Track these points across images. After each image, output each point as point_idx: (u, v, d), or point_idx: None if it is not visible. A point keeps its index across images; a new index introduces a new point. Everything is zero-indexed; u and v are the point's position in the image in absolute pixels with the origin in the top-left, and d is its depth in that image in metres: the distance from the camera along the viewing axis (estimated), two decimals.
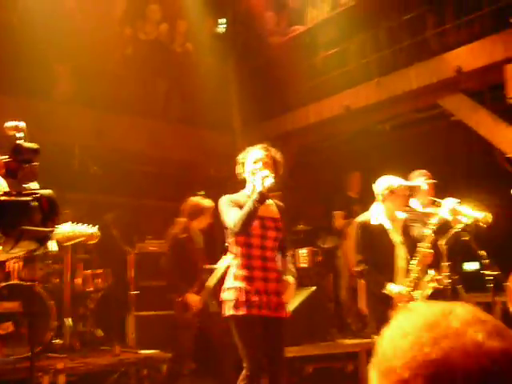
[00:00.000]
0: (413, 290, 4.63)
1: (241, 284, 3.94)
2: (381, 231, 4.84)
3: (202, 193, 9.23)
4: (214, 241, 6.86)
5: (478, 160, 7.32)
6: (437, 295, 4.77)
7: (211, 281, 5.71)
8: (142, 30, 8.63)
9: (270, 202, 4.16)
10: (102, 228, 6.73)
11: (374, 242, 4.80)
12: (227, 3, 9.55)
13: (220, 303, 4.08)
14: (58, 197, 2.43)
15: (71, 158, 7.27)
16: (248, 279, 3.96)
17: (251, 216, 3.89)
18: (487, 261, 4.37)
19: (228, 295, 3.97)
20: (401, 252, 4.83)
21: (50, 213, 2.36)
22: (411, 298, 4.61)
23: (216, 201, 7.15)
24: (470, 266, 6.73)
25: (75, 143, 7.33)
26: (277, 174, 4.05)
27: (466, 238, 4.43)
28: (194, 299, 5.59)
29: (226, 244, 5.89)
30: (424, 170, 5.68)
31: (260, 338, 3.98)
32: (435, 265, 4.71)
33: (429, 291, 4.56)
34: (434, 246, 4.51)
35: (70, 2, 7.79)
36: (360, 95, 7.02)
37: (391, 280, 4.71)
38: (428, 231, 4.63)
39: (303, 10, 8.53)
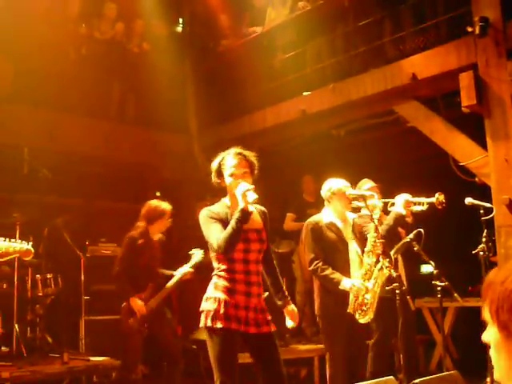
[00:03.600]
0: (367, 281, 4.67)
1: (221, 295, 3.80)
2: (332, 229, 4.91)
3: (158, 194, 9.16)
4: (173, 246, 6.79)
5: (430, 166, 7.41)
6: (386, 305, 4.80)
7: (167, 287, 5.65)
8: (97, 28, 8.48)
9: (251, 209, 3.92)
10: (52, 231, 6.66)
11: (326, 240, 4.85)
12: (184, 3, 9.47)
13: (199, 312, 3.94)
14: (6, 200, 2.34)
15: (21, 160, 7.09)
16: (229, 291, 3.81)
17: (235, 236, 3.71)
18: (436, 271, 4.41)
19: (207, 305, 3.82)
20: (353, 248, 4.89)
21: None
22: (367, 290, 4.65)
23: (173, 202, 7.09)
24: (427, 269, 6.82)
25: (25, 145, 7.15)
26: (254, 178, 3.90)
27: (416, 248, 4.46)
28: (137, 304, 5.48)
29: (190, 252, 5.84)
30: (367, 179, 5.74)
31: (235, 353, 3.86)
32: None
33: (383, 278, 4.60)
34: (385, 255, 4.53)
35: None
36: (316, 100, 7.01)
37: (346, 276, 4.75)
38: (372, 223, 4.68)
39: (265, 10, 8.47)
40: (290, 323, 4.06)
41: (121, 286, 5.60)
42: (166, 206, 5.75)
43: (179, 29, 9.59)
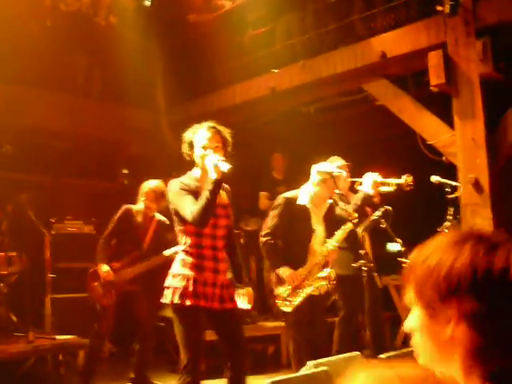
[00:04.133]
0: (305, 279, 4.68)
1: (189, 272, 3.78)
2: (303, 212, 4.87)
3: (125, 171, 9.07)
4: None
5: (399, 145, 7.44)
6: (353, 283, 4.84)
7: (148, 262, 5.63)
8: (62, 0, 8.26)
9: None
10: (16, 208, 6.54)
11: (295, 221, 4.82)
12: None
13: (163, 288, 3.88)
14: None
15: None
16: (198, 268, 3.80)
17: (210, 208, 3.70)
18: (403, 248, 4.44)
19: (175, 282, 3.79)
20: (318, 237, 4.88)
21: None
22: (298, 287, 4.66)
23: (141, 178, 6.99)
24: (394, 247, 6.85)
25: None
26: (226, 155, 3.87)
27: (383, 226, 4.48)
28: (103, 269, 5.52)
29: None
30: (337, 156, 5.74)
31: (202, 330, 3.86)
32: (352, 251, 4.78)
33: (319, 287, 4.63)
34: (352, 233, 4.54)
35: None
36: (285, 77, 6.96)
37: (303, 259, 4.75)
38: (347, 226, 4.68)
39: None
40: (242, 305, 4.06)
41: (98, 251, 5.64)
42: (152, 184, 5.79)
43: (147, 2, 9.40)
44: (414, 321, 1.27)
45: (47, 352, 5.83)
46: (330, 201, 5.04)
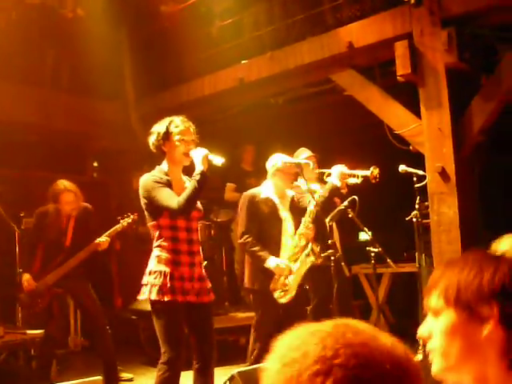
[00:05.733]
0: (294, 263, 4.72)
1: (165, 268, 3.81)
2: (269, 205, 4.91)
3: (95, 164, 9.01)
4: (111, 216, 6.70)
5: (367, 135, 7.50)
6: (322, 273, 4.88)
7: (74, 258, 5.65)
8: None
9: (186, 178, 4.04)
10: None
11: (262, 216, 4.86)
12: None
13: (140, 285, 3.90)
14: None
15: None
16: (174, 263, 3.83)
17: (196, 197, 3.81)
18: (370, 238, 4.50)
19: (152, 279, 3.81)
20: (287, 227, 4.92)
21: None
22: (290, 272, 4.71)
23: (111, 172, 6.96)
24: (365, 237, 6.94)
25: None
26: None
27: (350, 215, 4.53)
28: (24, 279, 5.60)
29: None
30: (304, 148, 5.78)
31: (181, 325, 3.90)
32: (320, 241, 4.83)
33: (307, 265, 4.67)
34: (320, 223, 4.58)
35: None
36: (253, 68, 6.96)
37: (276, 254, 4.79)
38: (311, 207, 4.72)
39: None
40: None
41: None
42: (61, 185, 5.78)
43: None
44: (441, 324, 1.35)
45: (18, 347, 5.79)
46: (291, 192, 5.09)
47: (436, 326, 1.37)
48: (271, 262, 4.72)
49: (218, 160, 3.85)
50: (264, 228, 4.85)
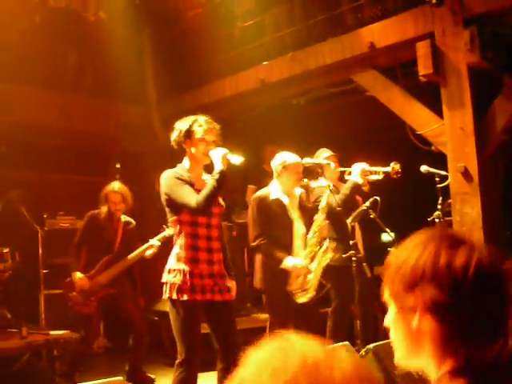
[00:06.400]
0: (310, 263, 4.70)
1: (185, 267, 3.83)
2: (278, 206, 4.88)
3: (118, 166, 9.06)
4: (133, 218, 6.74)
5: (388, 135, 7.46)
6: (344, 273, 4.86)
7: (125, 260, 5.69)
8: None
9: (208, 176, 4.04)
10: (7, 205, 6.55)
11: (272, 217, 4.83)
12: None
13: (161, 284, 3.91)
14: None
15: None
16: (193, 261, 3.85)
17: (215, 195, 3.84)
18: (391, 238, 4.47)
19: (171, 278, 3.83)
20: (298, 226, 4.89)
21: None
22: (308, 271, 4.68)
23: (134, 174, 6.95)
24: (386, 237, 6.90)
25: None
26: None
27: (372, 216, 4.50)
28: (76, 278, 5.60)
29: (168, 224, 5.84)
30: (325, 148, 5.76)
31: (199, 325, 3.90)
32: (341, 241, 4.80)
33: (325, 262, 4.64)
34: (341, 223, 4.55)
35: None
36: (275, 69, 6.96)
37: (289, 254, 4.76)
38: (323, 203, 4.70)
39: None
40: None
41: (70, 260, 5.75)
42: (110, 186, 5.89)
43: None
44: (388, 316, 1.37)
45: (41, 347, 5.84)
46: (300, 191, 5.07)
47: (387, 318, 1.38)
48: (289, 262, 4.70)
49: (237, 159, 3.87)
50: (276, 229, 4.82)
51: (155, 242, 5.68)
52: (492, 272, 1.25)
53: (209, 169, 4.02)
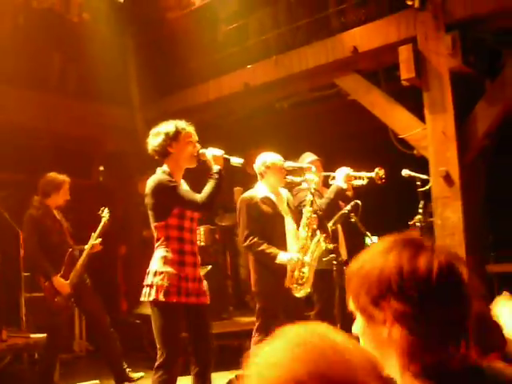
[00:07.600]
0: (304, 255, 4.71)
1: (172, 270, 3.81)
2: (267, 204, 4.90)
3: (101, 168, 9.02)
4: (117, 220, 6.71)
5: (371, 140, 7.49)
6: (326, 277, 4.86)
7: (80, 259, 5.63)
8: None
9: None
10: None
11: (262, 215, 4.84)
12: None
13: (144, 286, 3.89)
14: None
15: None
16: (179, 264, 3.85)
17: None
18: (373, 242, 4.48)
19: (159, 280, 3.79)
20: (289, 222, 4.91)
21: None
22: (303, 264, 4.68)
23: (117, 176, 6.89)
24: (368, 241, 6.91)
25: None
26: None
27: (353, 220, 4.52)
28: (61, 283, 5.48)
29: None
30: (309, 152, 5.77)
31: (180, 327, 3.90)
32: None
33: (320, 251, 4.64)
34: (323, 227, 4.56)
35: None
36: (258, 72, 6.97)
37: (282, 249, 4.76)
38: (309, 196, 4.71)
39: None
40: None
41: (40, 266, 5.59)
42: (62, 177, 5.82)
43: None
44: (356, 327, 1.36)
45: (22, 350, 5.82)
46: (285, 191, 5.10)
47: (355, 327, 1.38)
48: (283, 256, 4.69)
49: (238, 160, 3.91)
50: (268, 227, 4.83)
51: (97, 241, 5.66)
52: (452, 275, 1.26)
53: (193, 171, 4.04)
